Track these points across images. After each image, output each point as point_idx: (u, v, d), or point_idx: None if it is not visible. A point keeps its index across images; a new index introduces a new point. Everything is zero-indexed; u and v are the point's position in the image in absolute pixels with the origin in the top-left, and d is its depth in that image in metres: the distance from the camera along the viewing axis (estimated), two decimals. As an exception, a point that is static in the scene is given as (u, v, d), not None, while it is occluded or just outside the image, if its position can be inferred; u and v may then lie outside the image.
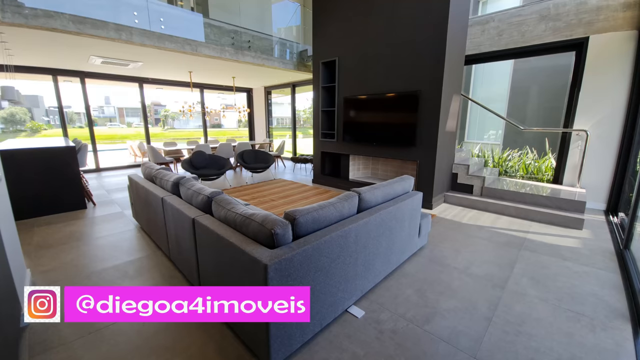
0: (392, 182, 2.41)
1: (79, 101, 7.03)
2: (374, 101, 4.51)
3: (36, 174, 3.61)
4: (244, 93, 10.34)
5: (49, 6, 3.75)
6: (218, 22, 5.61)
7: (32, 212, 3.65)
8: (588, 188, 4.19)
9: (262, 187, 5.40)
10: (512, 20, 4.66)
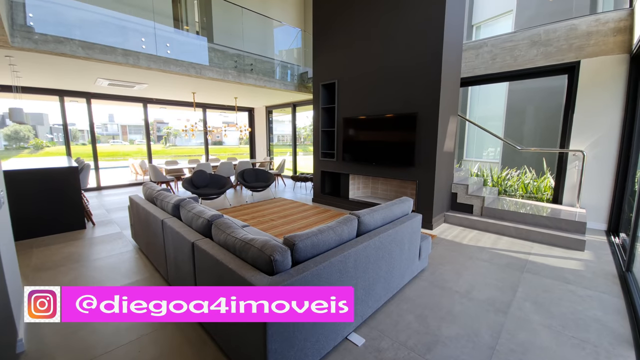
0: (391, 204, 2.43)
1: (83, 118, 7.17)
2: (373, 122, 4.60)
3: (37, 194, 3.63)
4: (246, 112, 10.55)
5: (59, 32, 3.91)
6: (222, 47, 5.82)
7: (31, 232, 3.64)
8: (588, 208, 4.19)
9: (262, 206, 5.40)
10: (504, 45, 4.84)
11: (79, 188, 3.92)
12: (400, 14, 4.13)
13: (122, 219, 4.48)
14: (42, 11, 3.99)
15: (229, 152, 20.18)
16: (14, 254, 2.03)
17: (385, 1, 4.26)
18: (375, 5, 4.39)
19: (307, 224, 4.25)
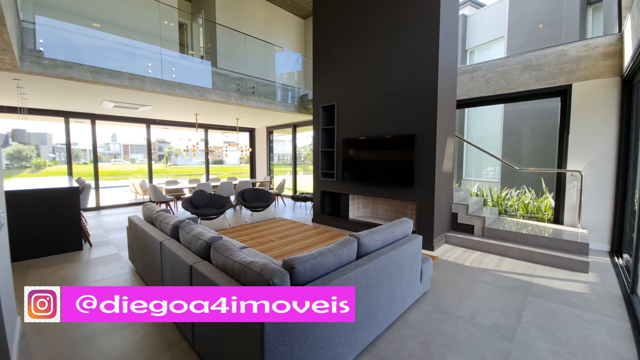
0: (391, 225, 2.42)
1: (87, 138, 7.29)
2: (372, 143, 4.67)
3: (36, 215, 3.62)
4: (247, 132, 10.73)
5: (69, 57, 4.05)
6: (225, 71, 6.03)
7: (28, 253, 3.59)
8: (590, 228, 4.16)
9: (262, 226, 5.36)
10: (498, 69, 5.01)
11: (79, 208, 3.92)
12: (396, 40, 4.31)
13: (119, 240, 4.43)
14: (52, 37, 4.15)
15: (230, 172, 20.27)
16: (10, 278, 2.00)
17: (381, 28, 4.46)
18: (372, 32, 4.60)
19: (306, 245, 4.20)
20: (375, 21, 4.56)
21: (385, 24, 4.43)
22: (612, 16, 5.44)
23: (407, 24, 4.17)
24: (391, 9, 4.34)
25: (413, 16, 4.10)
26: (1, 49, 3.09)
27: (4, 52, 3.19)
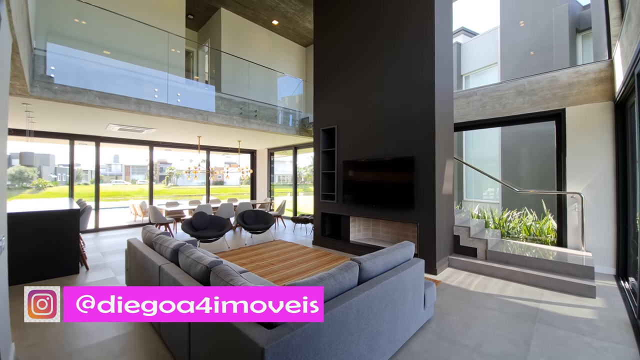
0: (393, 249, 2.40)
1: (89, 159, 7.37)
2: (372, 165, 4.72)
3: (35, 238, 3.60)
4: (248, 154, 10.86)
5: (79, 83, 4.19)
6: (228, 95, 6.22)
7: (24, 277, 3.53)
8: (594, 251, 4.11)
9: (262, 249, 5.29)
10: (492, 94, 5.17)
11: (78, 231, 3.90)
12: (394, 66, 4.48)
13: (117, 263, 4.36)
14: (63, 64, 4.32)
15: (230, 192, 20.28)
16: (7, 303, 1.96)
17: (379, 55, 4.66)
18: (371, 58, 4.80)
19: (307, 269, 4.13)
20: (373, 48, 4.77)
21: (383, 51, 4.63)
22: (601, 43, 5.69)
23: (404, 51, 4.36)
24: (388, 37, 4.56)
25: (409, 44, 4.30)
26: (13, 75, 3.20)
27: (15, 78, 3.30)
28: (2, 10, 1.96)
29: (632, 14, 2.77)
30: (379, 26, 4.70)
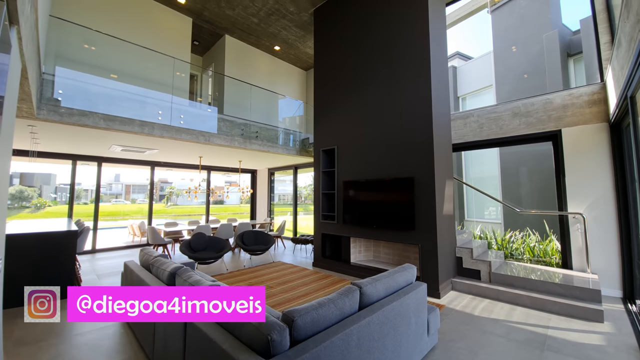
0: (394, 272, 2.35)
1: (90, 178, 7.39)
2: (372, 185, 4.73)
3: (30, 260, 3.54)
4: (249, 174, 10.92)
5: (85, 106, 4.29)
6: (230, 117, 6.36)
7: (18, 300, 3.41)
8: (600, 273, 4.02)
9: (260, 271, 5.19)
10: (489, 115, 5.27)
11: (74, 253, 3.84)
12: (392, 88, 4.61)
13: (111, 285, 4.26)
14: (70, 88, 4.43)
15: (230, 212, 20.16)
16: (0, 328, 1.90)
17: (378, 77, 4.81)
18: (370, 80, 4.94)
19: (307, 292, 4.03)
20: (371, 72, 4.93)
21: (380, 74, 4.78)
22: (592, 67, 5.87)
23: (401, 74, 4.50)
24: (385, 61, 4.72)
25: (406, 67, 4.45)
26: (20, 99, 3.28)
27: (22, 102, 3.38)
28: (12, 38, 2.05)
29: (622, 40, 2.88)
30: (376, 51, 4.88)
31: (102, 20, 5.58)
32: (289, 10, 6.41)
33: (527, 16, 8.29)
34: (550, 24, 7.73)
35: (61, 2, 5.10)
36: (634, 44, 2.35)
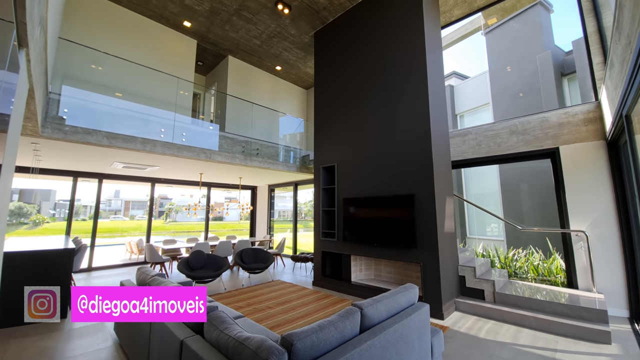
0: (396, 292, 2.30)
1: (89, 194, 7.38)
2: (372, 203, 4.72)
3: (26, 278, 3.47)
4: (249, 190, 10.92)
5: (89, 124, 4.35)
6: (231, 135, 6.44)
7: (11, 320, 3.34)
8: (606, 292, 3.93)
9: (259, 290, 5.07)
10: (487, 133, 5.34)
11: (70, 272, 3.78)
12: (391, 107, 4.69)
13: (107, 306, 4.15)
14: (75, 106, 4.52)
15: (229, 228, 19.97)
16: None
17: (377, 96, 4.91)
18: (369, 99, 5.04)
19: (306, 313, 3.92)
20: (370, 91, 5.04)
21: (379, 93, 4.89)
22: (587, 86, 5.99)
23: (399, 93, 4.60)
24: (384, 80, 4.84)
25: (404, 87, 4.55)
26: (25, 117, 3.33)
27: (27, 120, 3.43)
28: (21, 60, 2.11)
29: (615, 61, 2.96)
30: (374, 71, 5.01)
31: (109, 40, 5.77)
32: (290, 33, 6.65)
33: (520, 38, 8.58)
34: (543, 45, 7.99)
35: (70, 23, 5.29)
36: (626, 64, 2.42)
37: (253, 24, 6.34)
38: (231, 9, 5.86)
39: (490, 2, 5.54)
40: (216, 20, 6.27)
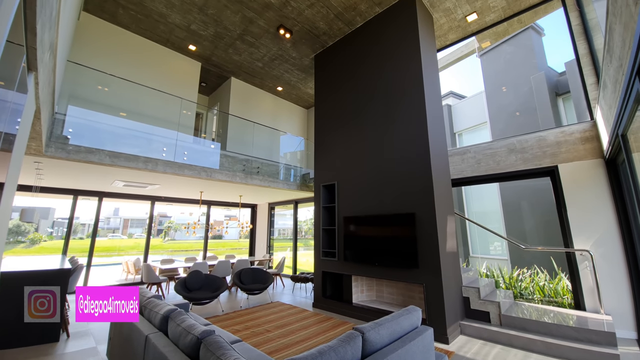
0: (398, 315, 2.23)
1: (88, 212, 7.34)
2: (373, 222, 4.68)
3: (18, 300, 3.38)
4: (249, 208, 10.87)
5: (92, 144, 4.41)
6: (233, 153, 6.50)
7: (3, 343, 3.21)
8: (613, 314, 3.80)
9: (258, 312, 4.93)
10: (485, 152, 5.38)
11: (65, 293, 3.68)
12: (389, 127, 4.76)
13: (100, 330, 4.02)
14: (80, 126, 4.59)
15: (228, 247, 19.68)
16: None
17: (376, 116, 4.99)
18: (368, 119, 5.12)
19: (306, 336, 3.78)
20: (369, 111, 5.14)
21: (378, 113, 4.98)
22: (582, 105, 6.08)
23: (398, 112, 4.69)
24: (383, 100, 4.94)
25: (403, 106, 4.64)
26: (30, 137, 3.38)
27: (32, 140, 3.48)
28: (30, 83, 2.17)
29: (607, 82, 3.03)
30: (373, 93, 5.14)
31: (116, 61, 5.96)
32: (292, 56, 6.88)
33: (514, 60, 8.86)
34: (537, 67, 8.23)
35: (79, 45, 5.48)
36: (619, 85, 2.48)
37: (256, 47, 6.58)
38: (235, 33, 6.10)
39: (483, 28, 5.78)
40: (220, 44, 6.51)
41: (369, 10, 5.30)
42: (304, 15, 5.47)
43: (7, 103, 1.66)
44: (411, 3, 4.82)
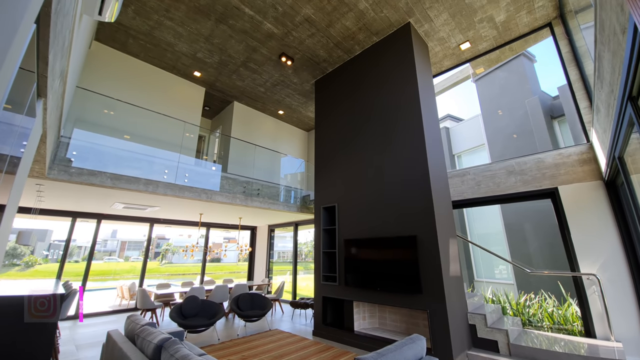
0: (401, 345, 2.14)
1: (85, 235, 7.24)
2: (374, 244, 4.61)
3: (7, 327, 3.25)
4: (249, 231, 10.75)
5: (95, 166, 4.45)
6: (233, 175, 6.54)
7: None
8: (623, 340, 3.63)
9: (255, 341, 4.72)
10: (485, 174, 5.41)
11: (57, 320, 3.55)
12: (388, 149, 4.82)
13: None
14: (84, 149, 4.65)
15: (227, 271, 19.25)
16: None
17: (376, 139, 5.07)
18: (368, 141, 5.20)
19: (306, 367, 3.60)
20: (368, 134, 5.23)
21: (377, 136, 5.06)
22: (577, 128, 6.18)
23: (397, 136, 4.76)
24: (382, 124, 5.04)
25: (401, 129, 4.73)
26: (34, 160, 3.42)
27: (35, 163, 3.52)
28: (38, 109, 2.23)
29: (600, 106, 3.10)
30: (372, 116, 5.26)
31: (122, 86, 6.16)
32: (293, 82, 7.13)
33: (508, 85, 9.14)
34: (530, 91, 8.48)
35: (88, 71, 5.68)
36: (612, 110, 2.54)
37: (258, 73, 6.83)
38: (239, 61, 6.36)
39: (476, 55, 6.03)
40: (224, 70, 6.76)
41: (367, 40, 5.56)
42: (305, 44, 5.73)
43: (15, 127, 1.69)
44: (407, 33, 5.06)
